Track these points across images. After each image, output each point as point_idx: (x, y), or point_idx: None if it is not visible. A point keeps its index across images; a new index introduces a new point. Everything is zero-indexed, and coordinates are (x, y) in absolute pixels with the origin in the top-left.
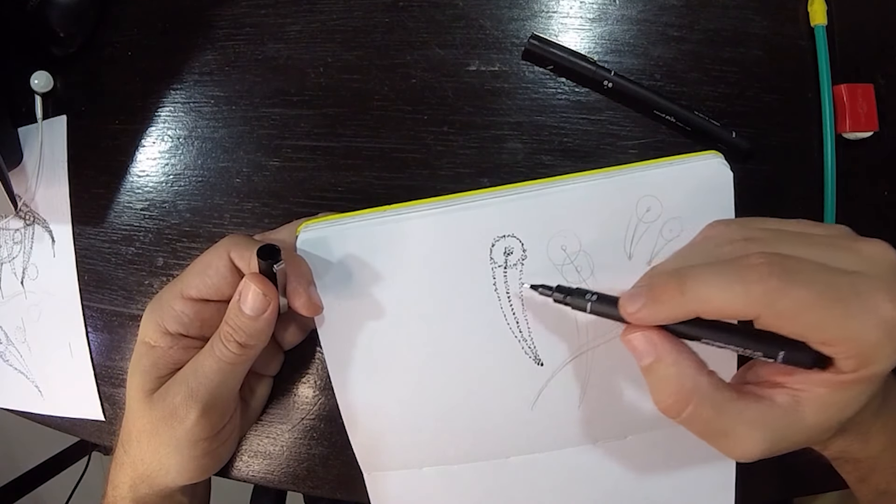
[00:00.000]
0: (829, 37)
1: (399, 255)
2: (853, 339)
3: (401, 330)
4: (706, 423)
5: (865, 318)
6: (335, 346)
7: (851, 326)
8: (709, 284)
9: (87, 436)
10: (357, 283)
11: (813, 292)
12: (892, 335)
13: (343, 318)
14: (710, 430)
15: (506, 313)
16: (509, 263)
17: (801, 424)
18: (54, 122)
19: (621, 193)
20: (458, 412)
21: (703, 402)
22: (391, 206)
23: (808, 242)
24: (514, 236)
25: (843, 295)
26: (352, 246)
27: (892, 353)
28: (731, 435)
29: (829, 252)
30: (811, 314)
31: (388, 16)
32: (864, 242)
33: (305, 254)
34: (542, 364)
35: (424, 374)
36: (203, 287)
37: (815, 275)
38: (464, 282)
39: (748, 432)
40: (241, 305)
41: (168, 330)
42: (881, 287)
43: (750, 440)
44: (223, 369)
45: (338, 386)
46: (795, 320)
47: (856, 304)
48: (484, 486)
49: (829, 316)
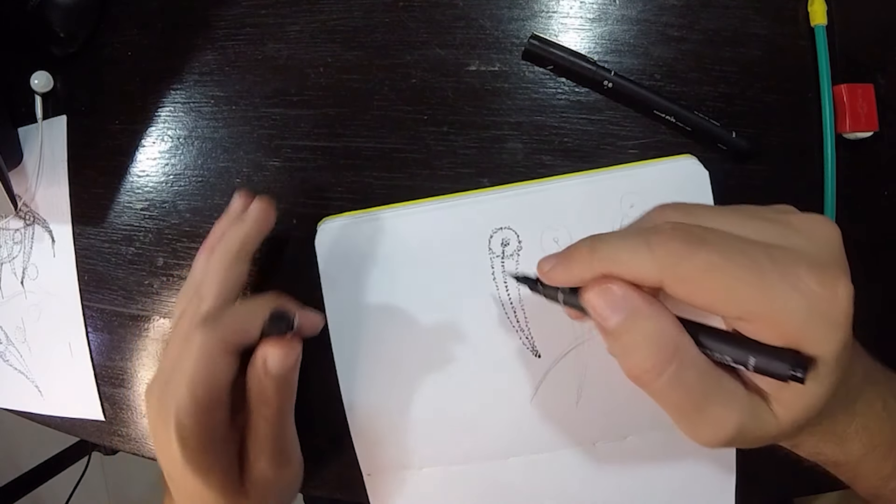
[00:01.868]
0: (829, 37)
1: (405, 247)
2: (772, 316)
3: (406, 320)
4: (687, 391)
5: (785, 291)
6: (343, 339)
7: (769, 299)
8: (616, 247)
9: (87, 436)
10: (366, 274)
11: (720, 256)
12: (821, 313)
13: (352, 309)
14: (687, 401)
15: (504, 303)
16: (506, 254)
17: (769, 416)
18: (54, 122)
19: (607, 191)
20: (458, 408)
21: (687, 363)
22: (396, 204)
23: (736, 217)
24: (511, 228)
25: (757, 264)
26: (363, 240)
27: (828, 334)
28: (705, 411)
29: (756, 224)
30: (718, 280)
31: (388, 16)
32: (799, 216)
33: (322, 247)
34: (539, 356)
35: (427, 366)
36: (215, 391)
37: (725, 241)
38: (465, 271)
39: (722, 411)
40: (271, 370)
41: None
42: (804, 259)
43: (721, 420)
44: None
45: (344, 382)
46: (702, 287)
47: (773, 274)
48: (483, 487)
49: (741, 285)
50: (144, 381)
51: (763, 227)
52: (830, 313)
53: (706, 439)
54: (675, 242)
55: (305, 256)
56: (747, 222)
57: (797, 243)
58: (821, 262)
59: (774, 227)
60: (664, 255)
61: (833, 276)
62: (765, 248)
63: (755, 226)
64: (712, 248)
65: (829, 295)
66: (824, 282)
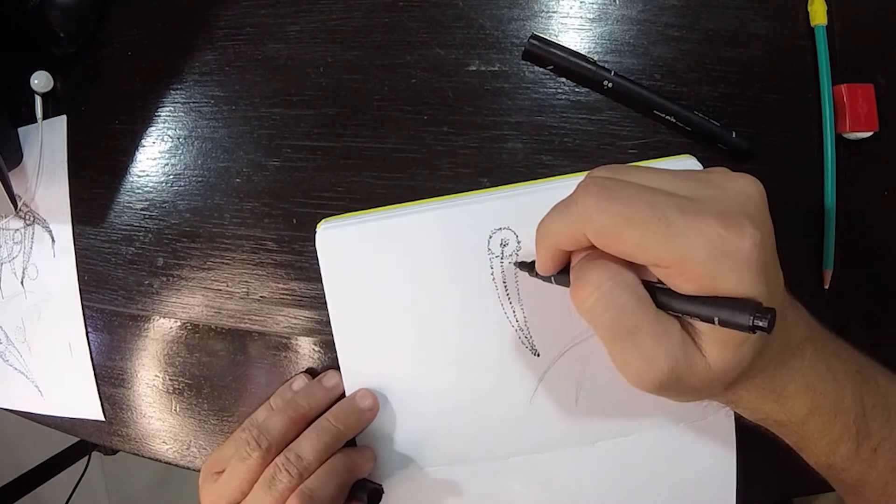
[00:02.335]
0: (829, 37)
1: (406, 247)
2: (681, 262)
3: (406, 319)
4: (620, 312)
5: (689, 237)
6: (345, 338)
7: (675, 246)
8: (548, 220)
9: (87, 436)
10: (368, 275)
11: (629, 208)
12: (726, 254)
13: (353, 309)
14: (620, 325)
15: (503, 302)
16: (505, 254)
17: (700, 359)
18: (54, 122)
19: None
20: (458, 407)
21: (623, 285)
22: (396, 205)
23: (657, 174)
24: (510, 229)
25: (664, 214)
26: (363, 240)
27: (737, 275)
28: (637, 339)
29: (676, 180)
30: (631, 231)
31: (388, 16)
32: (720, 173)
33: (323, 247)
34: (538, 354)
35: (428, 365)
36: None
37: (635, 194)
38: (465, 271)
39: (654, 344)
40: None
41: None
42: (712, 209)
43: (653, 353)
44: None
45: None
46: (616, 237)
47: (680, 222)
48: (483, 487)
49: (649, 234)
50: (144, 381)
51: (681, 183)
52: (736, 255)
53: (638, 374)
54: (588, 199)
55: (306, 257)
56: (667, 178)
57: (711, 195)
58: (729, 211)
59: (691, 183)
60: (579, 213)
61: (738, 222)
62: (675, 200)
63: (674, 182)
64: (622, 202)
65: (733, 237)
66: (728, 227)
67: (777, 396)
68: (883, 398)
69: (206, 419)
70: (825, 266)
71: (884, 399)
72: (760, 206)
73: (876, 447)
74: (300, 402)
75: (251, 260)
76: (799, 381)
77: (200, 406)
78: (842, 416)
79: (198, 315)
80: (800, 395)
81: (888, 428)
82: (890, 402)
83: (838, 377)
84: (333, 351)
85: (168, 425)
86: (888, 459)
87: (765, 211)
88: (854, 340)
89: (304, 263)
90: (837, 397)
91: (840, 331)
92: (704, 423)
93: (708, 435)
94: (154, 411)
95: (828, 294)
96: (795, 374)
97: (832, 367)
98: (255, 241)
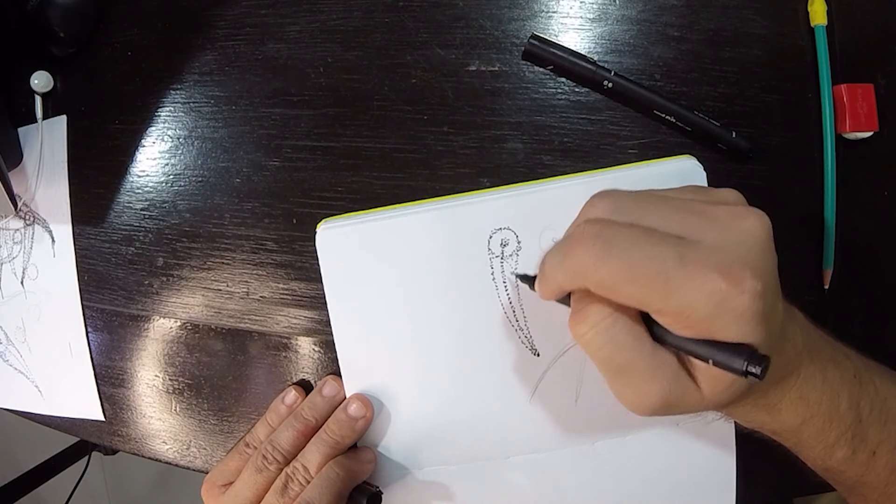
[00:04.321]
0: (829, 37)
1: (406, 247)
2: (679, 312)
3: (407, 319)
4: (616, 348)
5: (689, 291)
6: (345, 338)
7: (675, 301)
8: (548, 263)
9: (87, 436)
10: (368, 275)
11: (627, 265)
12: (726, 309)
13: (353, 309)
14: (614, 360)
15: (503, 302)
16: (505, 254)
17: (694, 391)
18: (54, 122)
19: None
20: (458, 407)
21: (621, 324)
22: (396, 205)
23: (661, 209)
24: (510, 229)
25: (665, 267)
26: (364, 240)
27: (735, 327)
28: (634, 379)
29: (681, 217)
30: (629, 287)
31: (388, 16)
32: (726, 209)
33: (323, 247)
34: (538, 354)
35: (427, 364)
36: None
37: (634, 245)
38: (465, 271)
39: (650, 381)
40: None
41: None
42: (713, 258)
43: (647, 391)
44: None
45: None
46: (617, 292)
47: (680, 276)
48: (483, 487)
49: (647, 290)
50: (144, 381)
51: (686, 221)
52: (736, 309)
53: (632, 404)
54: (584, 255)
55: (306, 257)
56: (672, 215)
57: (715, 239)
58: (731, 261)
59: (697, 221)
60: (575, 268)
61: (739, 274)
62: (676, 249)
63: (679, 219)
64: (619, 258)
65: (734, 293)
66: (729, 280)
67: (770, 410)
68: (881, 402)
69: (206, 419)
70: (825, 266)
71: (882, 402)
72: (765, 249)
73: (874, 450)
74: (305, 414)
75: (251, 260)
76: (793, 395)
77: (200, 406)
78: (837, 424)
79: (198, 315)
80: (793, 407)
81: (886, 431)
82: (888, 405)
83: (834, 385)
84: (333, 351)
85: (168, 425)
86: (887, 461)
87: (769, 252)
88: (854, 340)
89: (304, 263)
90: (832, 405)
91: (840, 330)
92: (704, 423)
93: (707, 435)
94: (154, 411)
95: (828, 294)
96: (789, 389)
97: (828, 376)
98: (255, 241)
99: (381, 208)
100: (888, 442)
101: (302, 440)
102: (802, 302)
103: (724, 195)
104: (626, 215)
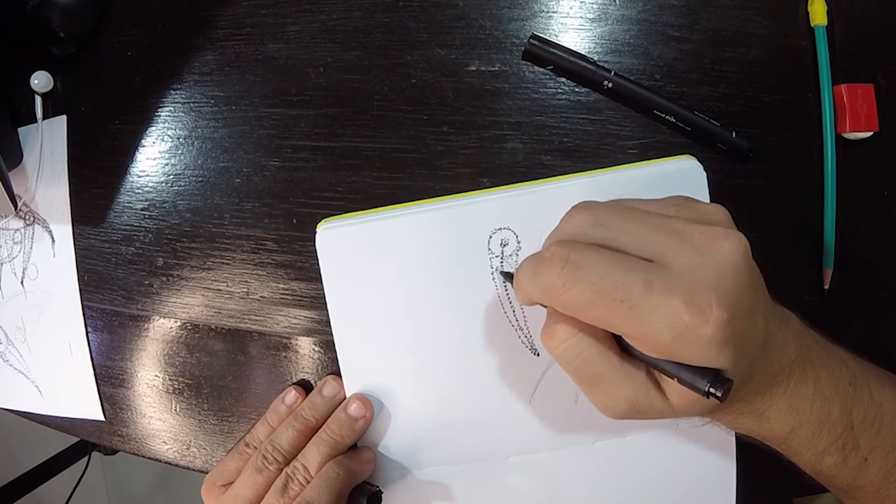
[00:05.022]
0: (829, 37)
1: (406, 247)
2: (642, 337)
3: (407, 319)
4: (584, 363)
5: (653, 321)
6: (345, 338)
7: (638, 326)
8: (521, 276)
9: (87, 436)
10: (367, 275)
11: (593, 290)
12: (689, 338)
13: (353, 309)
14: (584, 372)
15: (503, 302)
16: (505, 254)
17: (661, 401)
18: (54, 122)
19: (607, 191)
20: (458, 407)
21: (586, 342)
22: (396, 205)
23: (638, 227)
24: (510, 229)
25: (630, 295)
26: (363, 240)
27: (699, 354)
28: (599, 386)
29: (655, 236)
30: (594, 311)
31: (388, 16)
32: (704, 230)
33: (323, 247)
34: (538, 354)
35: (427, 364)
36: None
37: (601, 271)
38: (465, 271)
39: (616, 391)
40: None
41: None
42: (681, 285)
43: (615, 398)
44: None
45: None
46: (583, 314)
47: (645, 304)
48: (483, 487)
49: (613, 314)
50: (144, 381)
51: (659, 242)
52: (700, 339)
53: (602, 408)
54: (552, 277)
55: (306, 257)
56: (647, 234)
57: (687, 263)
58: (700, 287)
59: (672, 242)
60: (543, 288)
61: (704, 305)
62: (643, 276)
63: (654, 238)
64: (585, 283)
65: (696, 324)
66: (693, 312)
67: (757, 417)
68: (875, 408)
69: (206, 419)
70: (825, 266)
71: (876, 409)
72: (739, 273)
73: (866, 457)
74: (305, 415)
75: (251, 260)
76: (781, 404)
77: (200, 406)
78: (827, 432)
79: (198, 315)
80: (781, 415)
81: (879, 438)
82: (883, 411)
83: (826, 393)
84: (333, 351)
85: (168, 425)
86: (880, 466)
87: (743, 275)
88: (854, 340)
89: (304, 263)
90: (822, 414)
91: (840, 330)
92: (704, 423)
93: (707, 435)
94: (154, 411)
95: (828, 294)
96: (778, 398)
97: (820, 384)
98: (255, 241)
99: (381, 208)
100: (881, 448)
101: (302, 440)
102: (802, 302)
103: (708, 211)
104: (601, 231)
